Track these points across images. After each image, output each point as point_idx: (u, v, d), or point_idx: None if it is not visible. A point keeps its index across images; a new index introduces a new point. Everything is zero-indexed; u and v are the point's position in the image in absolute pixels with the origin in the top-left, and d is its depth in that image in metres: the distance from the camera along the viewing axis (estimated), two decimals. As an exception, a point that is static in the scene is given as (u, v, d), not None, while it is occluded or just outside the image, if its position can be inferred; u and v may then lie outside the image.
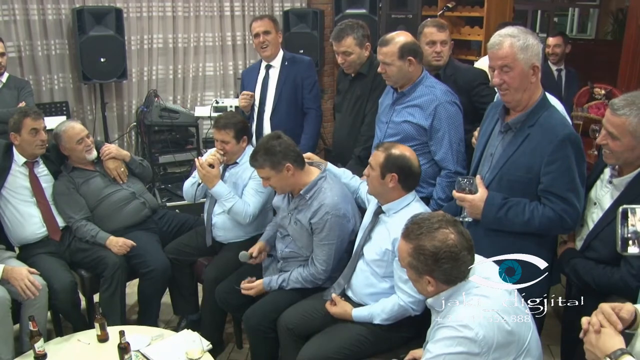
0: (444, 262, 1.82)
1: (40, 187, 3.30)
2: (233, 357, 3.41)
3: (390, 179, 2.48)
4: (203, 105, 5.63)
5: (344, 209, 2.76)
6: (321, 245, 2.77)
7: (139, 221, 3.49)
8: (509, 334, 1.78)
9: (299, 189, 2.82)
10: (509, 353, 1.79)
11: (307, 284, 2.83)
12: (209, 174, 3.19)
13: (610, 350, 1.47)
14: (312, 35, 5.63)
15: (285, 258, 2.99)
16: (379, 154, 2.52)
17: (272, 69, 3.92)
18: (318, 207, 2.74)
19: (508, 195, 2.27)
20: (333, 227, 2.73)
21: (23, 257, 3.24)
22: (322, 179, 2.83)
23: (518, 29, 2.23)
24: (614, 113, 2.09)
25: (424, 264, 1.84)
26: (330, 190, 2.78)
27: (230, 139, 3.26)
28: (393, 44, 2.90)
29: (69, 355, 2.65)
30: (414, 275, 1.92)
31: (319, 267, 2.78)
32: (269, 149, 2.76)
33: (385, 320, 2.49)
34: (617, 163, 2.20)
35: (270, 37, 3.82)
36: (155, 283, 3.32)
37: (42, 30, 5.06)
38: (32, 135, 3.19)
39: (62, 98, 5.23)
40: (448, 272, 1.84)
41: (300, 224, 2.82)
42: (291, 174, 2.77)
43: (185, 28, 5.74)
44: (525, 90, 2.24)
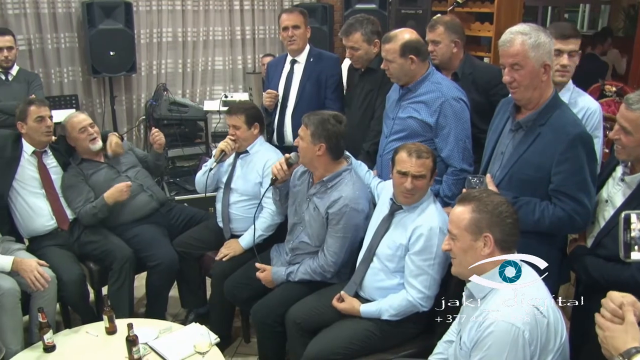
0: (507, 216, 1.86)
1: (49, 177, 3.32)
2: (240, 350, 3.42)
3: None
4: (212, 100, 5.64)
5: (363, 205, 2.76)
6: (335, 237, 2.76)
7: (147, 214, 3.49)
8: (547, 329, 1.76)
9: (322, 176, 2.81)
10: (550, 354, 1.77)
11: (315, 276, 2.83)
12: (232, 246, 3.25)
13: (623, 348, 1.44)
14: (321, 30, 5.61)
15: (295, 249, 2.98)
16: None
17: (297, 64, 3.82)
18: (337, 198, 2.73)
19: (518, 194, 2.26)
20: (349, 221, 2.73)
21: (32, 249, 3.26)
22: (347, 171, 2.82)
23: (530, 26, 2.21)
24: (628, 108, 2.07)
25: (489, 214, 1.86)
26: (353, 184, 2.77)
27: (242, 124, 3.25)
28: (395, 42, 2.88)
29: (78, 346, 2.66)
30: (468, 240, 1.89)
31: (329, 258, 2.77)
32: (324, 121, 2.74)
33: (393, 316, 2.49)
34: (628, 159, 2.18)
35: (299, 31, 3.72)
36: (163, 276, 3.33)
37: (52, 24, 5.09)
38: (38, 123, 3.21)
39: (72, 91, 5.26)
40: (508, 230, 1.86)
41: (317, 211, 2.81)
42: (319, 155, 2.75)
43: (195, 22, 5.75)
44: (536, 88, 2.22)
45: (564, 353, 1.81)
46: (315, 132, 2.73)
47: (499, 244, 1.85)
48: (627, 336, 1.45)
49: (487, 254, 1.86)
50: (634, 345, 1.43)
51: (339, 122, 2.78)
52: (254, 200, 3.28)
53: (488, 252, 1.86)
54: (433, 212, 2.52)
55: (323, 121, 2.74)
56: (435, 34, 3.25)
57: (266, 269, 2.96)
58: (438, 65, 3.23)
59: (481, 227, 1.86)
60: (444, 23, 3.27)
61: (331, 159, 2.79)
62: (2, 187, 3.20)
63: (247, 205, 3.32)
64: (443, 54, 3.26)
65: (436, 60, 3.26)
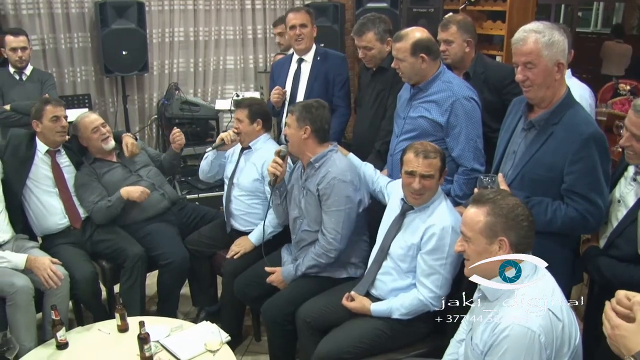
0: (522, 219, 1.82)
1: (63, 176, 3.34)
2: (251, 349, 3.43)
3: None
4: (224, 99, 5.66)
5: (351, 177, 2.82)
6: (329, 212, 2.80)
7: (159, 213, 3.51)
8: (562, 333, 1.74)
9: (309, 158, 2.88)
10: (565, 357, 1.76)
11: (320, 260, 2.83)
12: (241, 243, 3.29)
13: (636, 349, 1.43)
14: (332, 29, 5.60)
15: (299, 242, 3.00)
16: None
17: (304, 63, 3.84)
18: (325, 174, 2.82)
19: (530, 194, 2.24)
20: (340, 193, 2.77)
21: (45, 247, 3.28)
22: (332, 151, 2.91)
23: (544, 24, 2.19)
24: (637, 114, 2.04)
25: (504, 218, 1.82)
26: (339, 161, 2.86)
27: (244, 118, 3.29)
28: (406, 40, 2.87)
29: (90, 344, 2.68)
30: (482, 243, 1.85)
31: (328, 236, 2.79)
32: (307, 106, 2.91)
33: (404, 315, 2.49)
34: None
35: (307, 30, 3.74)
36: (174, 275, 3.34)
37: (66, 24, 5.13)
38: (53, 122, 3.23)
39: (85, 91, 5.30)
40: (524, 233, 1.82)
41: (309, 192, 2.87)
42: (305, 137, 2.86)
43: (207, 21, 5.77)
44: (549, 87, 2.20)
45: (577, 355, 1.80)
46: (300, 117, 2.85)
47: (514, 247, 1.82)
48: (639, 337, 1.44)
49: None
50: None
51: (322, 107, 2.92)
52: (252, 197, 3.32)
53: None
54: (444, 211, 2.51)
55: (306, 106, 2.91)
56: (448, 34, 3.25)
57: (276, 270, 2.97)
58: (450, 64, 3.22)
59: (496, 231, 1.82)
60: (456, 22, 3.26)
61: (317, 142, 2.88)
62: (16, 186, 3.23)
63: (247, 201, 3.34)
64: (455, 54, 3.26)
65: (448, 59, 3.25)
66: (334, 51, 4.09)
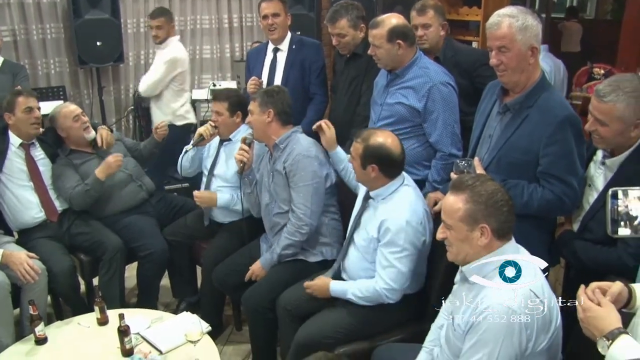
0: (502, 204, 1.80)
1: (37, 169, 3.29)
2: (232, 339, 3.43)
3: (371, 169, 2.46)
4: (200, 88, 5.60)
5: (315, 152, 2.89)
6: (297, 188, 2.84)
7: (136, 204, 3.49)
8: (543, 313, 1.74)
9: (274, 141, 2.94)
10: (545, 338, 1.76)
11: (293, 238, 2.86)
12: (204, 197, 3.27)
13: (607, 329, 1.46)
14: (308, 16, 5.56)
15: (273, 227, 3.02)
16: (358, 145, 2.49)
17: (279, 52, 3.81)
18: (290, 151, 2.89)
19: (506, 177, 2.26)
20: (306, 168, 2.83)
21: (22, 241, 3.24)
22: (296, 132, 2.97)
23: (518, 9, 2.20)
24: (600, 100, 2.07)
25: (484, 205, 1.79)
26: (303, 139, 2.94)
27: (224, 111, 3.27)
28: (382, 27, 2.86)
29: (69, 338, 2.66)
30: (464, 231, 1.83)
31: (298, 212, 2.83)
32: (269, 91, 2.99)
33: (359, 298, 2.49)
34: (608, 147, 2.19)
35: (279, 19, 3.70)
36: (153, 266, 3.33)
37: (37, 14, 5.02)
38: (27, 114, 3.18)
39: (59, 82, 5.20)
40: (504, 218, 1.80)
41: (277, 173, 2.92)
42: (269, 121, 2.91)
43: (182, 11, 5.70)
44: (523, 71, 2.22)
45: (558, 336, 1.82)
46: (262, 102, 2.91)
47: (495, 232, 1.81)
48: (611, 318, 1.48)
49: (485, 243, 1.81)
50: (617, 327, 1.45)
51: (283, 91, 3.01)
52: (234, 188, 3.30)
53: (486, 242, 1.81)
54: (403, 203, 2.46)
55: (267, 91, 2.99)
56: (426, 18, 3.26)
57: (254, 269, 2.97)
58: (427, 49, 3.24)
59: (477, 218, 1.81)
60: (433, 7, 3.28)
61: (280, 124, 2.94)
62: (-11, 181, 3.18)
63: (228, 192, 3.32)
64: (433, 38, 3.27)
65: (426, 44, 3.26)
66: (310, 39, 4.08)
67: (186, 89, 4.75)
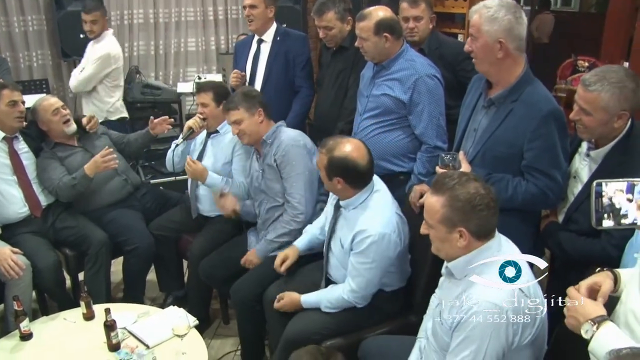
0: (481, 208, 1.77)
1: (21, 163, 3.25)
2: (220, 332, 3.43)
3: (337, 182, 2.42)
4: (185, 82, 5.58)
5: (303, 141, 2.95)
6: (289, 178, 2.87)
7: (122, 198, 3.47)
8: (529, 309, 1.74)
9: (262, 139, 2.98)
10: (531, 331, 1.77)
11: (289, 226, 2.88)
12: (197, 169, 3.17)
13: (593, 315, 1.49)
14: (294, 9, 5.55)
15: (266, 222, 3.03)
16: (322, 156, 2.43)
17: (263, 44, 3.77)
18: (279, 144, 2.93)
19: (491, 170, 2.27)
20: (297, 158, 2.88)
21: (6, 237, 3.19)
22: (280, 126, 3.03)
23: (499, 1, 2.19)
24: (585, 89, 2.09)
25: (461, 211, 1.78)
26: (289, 131, 3.01)
27: (210, 102, 3.25)
28: (369, 20, 2.86)
29: (55, 334, 2.64)
30: (443, 232, 1.83)
31: (293, 201, 2.86)
32: (246, 93, 2.99)
33: (331, 309, 2.50)
34: (591, 138, 2.21)
35: (257, 11, 3.65)
36: (140, 260, 3.32)
37: (19, 6, 4.98)
38: (11, 107, 3.14)
39: (42, 75, 5.16)
40: (483, 221, 1.79)
41: (269, 167, 2.94)
42: (261, 120, 2.94)
43: (166, 3, 5.66)
44: (492, 64, 2.23)
45: (544, 328, 1.83)
46: (248, 105, 2.93)
47: (474, 234, 1.81)
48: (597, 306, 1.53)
49: (464, 245, 1.81)
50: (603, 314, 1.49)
51: (255, 90, 3.12)
52: None
53: (465, 244, 1.81)
54: (376, 213, 2.42)
55: (245, 94, 2.98)
56: (418, 10, 3.28)
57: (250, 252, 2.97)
58: (417, 42, 3.25)
59: (454, 222, 1.80)
60: None
61: (268, 120, 3.00)
62: (-29, 175, 3.13)
63: None
64: (424, 30, 3.30)
65: (416, 37, 3.27)
66: (295, 31, 4.05)
67: (120, 84, 4.60)
